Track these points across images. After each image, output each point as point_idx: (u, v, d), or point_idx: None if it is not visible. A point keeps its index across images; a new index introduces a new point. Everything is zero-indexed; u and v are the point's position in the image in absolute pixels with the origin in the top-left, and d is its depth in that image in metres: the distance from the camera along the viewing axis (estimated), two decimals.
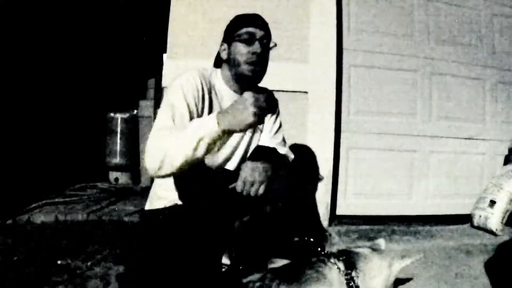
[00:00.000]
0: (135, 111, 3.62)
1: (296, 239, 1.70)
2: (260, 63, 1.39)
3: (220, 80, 1.45)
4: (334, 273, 1.26)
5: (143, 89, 3.86)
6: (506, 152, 2.83)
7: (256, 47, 1.37)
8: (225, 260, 1.44)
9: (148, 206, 1.45)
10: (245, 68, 1.38)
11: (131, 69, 4.45)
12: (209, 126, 1.11)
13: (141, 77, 4.04)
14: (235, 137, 1.42)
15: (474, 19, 2.87)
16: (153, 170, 1.13)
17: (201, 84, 1.33)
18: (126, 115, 3.62)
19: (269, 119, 1.58)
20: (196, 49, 2.38)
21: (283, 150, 1.56)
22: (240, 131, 1.14)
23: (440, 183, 2.80)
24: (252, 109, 1.10)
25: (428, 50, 2.77)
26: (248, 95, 1.12)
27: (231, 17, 1.46)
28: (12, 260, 1.70)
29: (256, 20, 1.41)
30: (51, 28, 3.88)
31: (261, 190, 1.22)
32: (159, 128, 1.19)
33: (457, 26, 2.83)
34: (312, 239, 1.73)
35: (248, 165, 1.24)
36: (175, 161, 1.10)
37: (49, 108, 3.86)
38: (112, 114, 3.63)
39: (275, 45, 1.43)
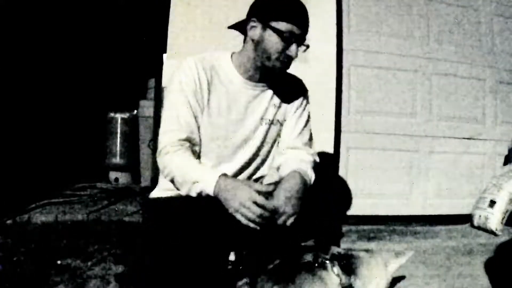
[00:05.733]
0: (135, 111, 3.61)
1: (301, 242, 1.68)
2: (290, 63, 1.30)
3: (230, 64, 1.32)
4: (331, 278, 1.25)
5: (143, 89, 3.85)
6: (506, 152, 2.83)
7: (293, 50, 1.24)
8: (231, 257, 1.41)
9: (153, 195, 1.40)
10: (275, 65, 1.26)
11: (131, 69, 4.45)
12: (207, 186, 1.14)
13: (141, 77, 4.03)
14: (246, 127, 1.34)
15: (474, 19, 2.87)
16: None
17: (199, 74, 1.26)
18: (126, 115, 3.62)
19: (293, 112, 1.41)
20: (196, 49, 2.37)
21: (308, 155, 1.38)
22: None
23: (440, 183, 2.80)
24: (237, 215, 1.11)
25: (428, 50, 2.77)
26: (249, 196, 1.10)
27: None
28: (12, 260, 1.69)
29: (301, 18, 1.25)
30: (51, 28, 3.88)
31: (289, 222, 1.17)
32: (165, 131, 1.24)
33: (457, 26, 2.83)
34: (312, 241, 1.72)
35: (282, 192, 1.18)
36: (180, 188, 1.20)
37: (49, 108, 3.86)
38: (112, 114, 3.63)
39: (308, 47, 1.29)
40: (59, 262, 1.70)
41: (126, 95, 4.02)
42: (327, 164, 2.47)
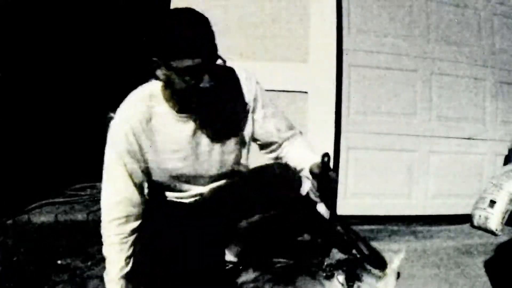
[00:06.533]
0: None
1: (300, 238, 1.68)
2: (209, 90, 1.09)
3: (162, 100, 1.22)
4: (333, 284, 1.24)
5: None
6: (506, 152, 2.83)
7: (205, 81, 1.07)
8: (231, 258, 1.41)
9: None
10: (192, 100, 1.14)
11: (131, 69, 4.45)
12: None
13: (141, 77, 4.03)
14: (204, 146, 1.26)
15: (474, 19, 2.87)
16: None
17: (133, 132, 1.24)
18: None
19: (259, 111, 1.31)
20: None
21: (300, 136, 1.45)
22: None
23: (440, 183, 2.80)
24: None
25: (428, 50, 2.77)
26: None
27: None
28: (12, 260, 1.70)
29: (203, 45, 1.07)
30: (51, 28, 3.88)
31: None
32: (105, 203, 1.24)
33: (457, 26, 2.83)
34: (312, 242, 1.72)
35: (331, 169, 1.18)
36: None
37: (49, 108, 3.86)
38: (112, 114, 3.60)
39: (224, 61, 1.12)
40: (59, 262, 1.70)
41: (126, 95, 4.02)
42: None
